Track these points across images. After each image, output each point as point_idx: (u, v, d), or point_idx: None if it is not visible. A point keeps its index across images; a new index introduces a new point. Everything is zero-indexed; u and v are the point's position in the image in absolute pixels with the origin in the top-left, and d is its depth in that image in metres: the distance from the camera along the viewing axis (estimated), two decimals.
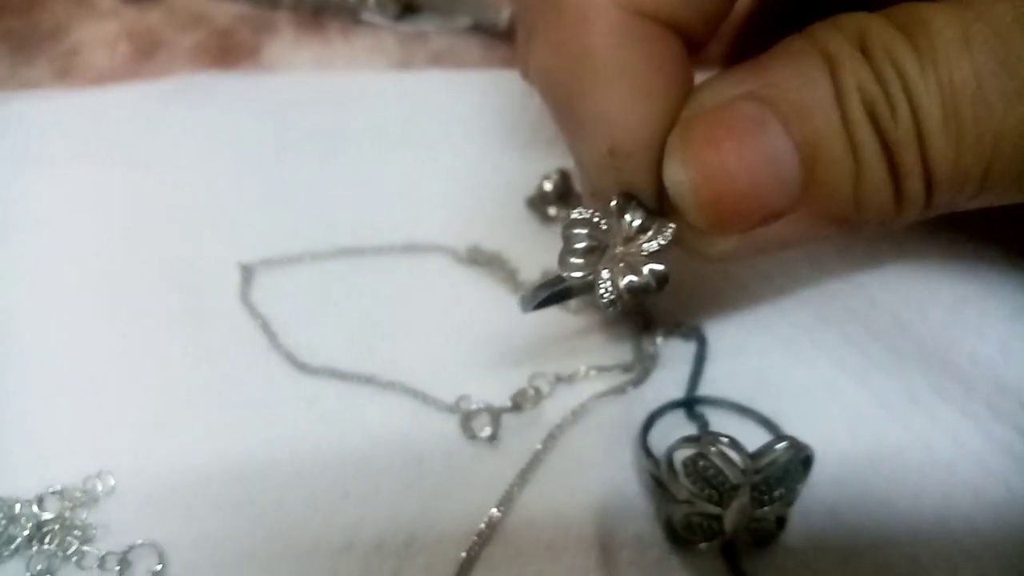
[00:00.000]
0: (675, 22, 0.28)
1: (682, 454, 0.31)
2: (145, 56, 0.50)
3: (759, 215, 0.26)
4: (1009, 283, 0.37)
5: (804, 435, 0.31)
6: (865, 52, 0.25)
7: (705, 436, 0.30)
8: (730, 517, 0.30)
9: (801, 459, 0.30)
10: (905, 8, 0.25)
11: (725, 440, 0.30)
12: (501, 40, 0.50)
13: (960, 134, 0.24)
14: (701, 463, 0.30)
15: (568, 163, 0.41)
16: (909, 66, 0.24)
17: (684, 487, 0.31)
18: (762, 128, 0.26)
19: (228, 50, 0.50)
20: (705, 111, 0.27)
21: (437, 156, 0.43)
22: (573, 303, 0.38)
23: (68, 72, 0.49)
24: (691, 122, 0.27)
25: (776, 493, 0.30)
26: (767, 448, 0.30)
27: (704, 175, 0.26)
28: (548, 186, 0.41)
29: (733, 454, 0.30)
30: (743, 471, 0.30)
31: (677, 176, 0.27)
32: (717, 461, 0.30)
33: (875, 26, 0.25)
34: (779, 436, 0.31)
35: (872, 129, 0.25)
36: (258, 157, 0.43)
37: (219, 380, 0.37)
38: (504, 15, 0.49)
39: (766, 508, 0.31)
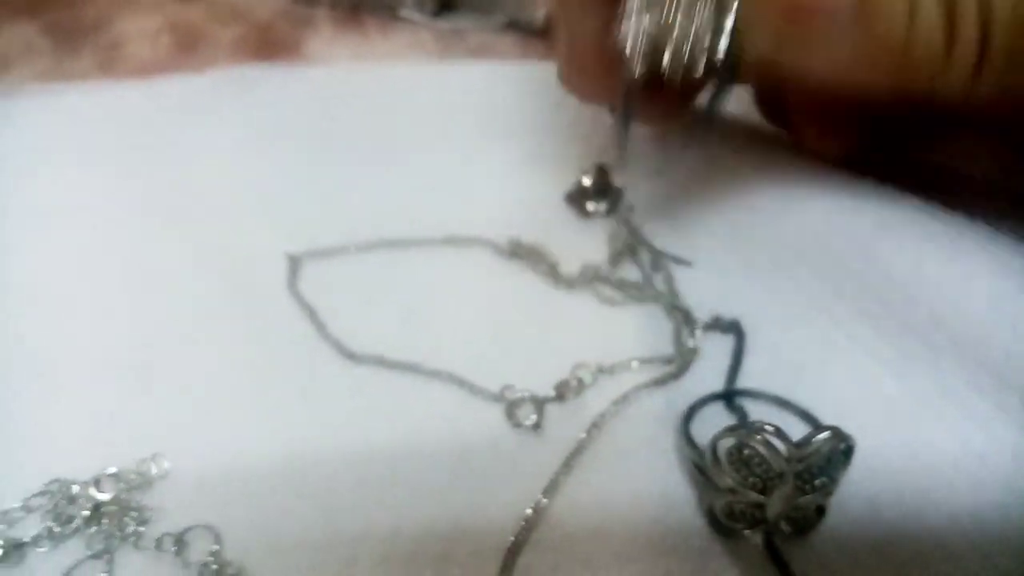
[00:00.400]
0: None
1: (726, 443, 0.31)
2: (187, 49, 0.50)
3: (810, 6, 0.26)
4: None
5: (841, 427, 0.32)
6: None
7: (750, 425, 0.31)
8: (773, 505, 0.31)
9: (843, 449, 0.31)
10: None
11: (770, 429, 0.30)
12: (537, 37, 0.50)
13: None
14: (746, 452, 0.31)
15: (604, 156, 0.42)
16: None
17: (728, 475, 0.31)
18: None
19: (268, 44, 0.51)
20: None
21: (477, 150, 0.44)
22: (610, 293, 0.39)
23: (112, 64, 0.50)
24: None
25: (818, 482, 0.31)
26: (810, 437, 0.30)
27: None
28: (586, 181, 0.42)
29: (778, 443, 0.30)
30: (787, 460, 0.30)
31: None
32: (762, 450, 0.30)
33: None
34: (822, 426, 0.31)
35: None
36: (302, 150, 0.44)
37: (269, 367, 0.37)
38: (540, 13, 0.50)
39: (807, 497, 0.31)
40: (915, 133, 0.31)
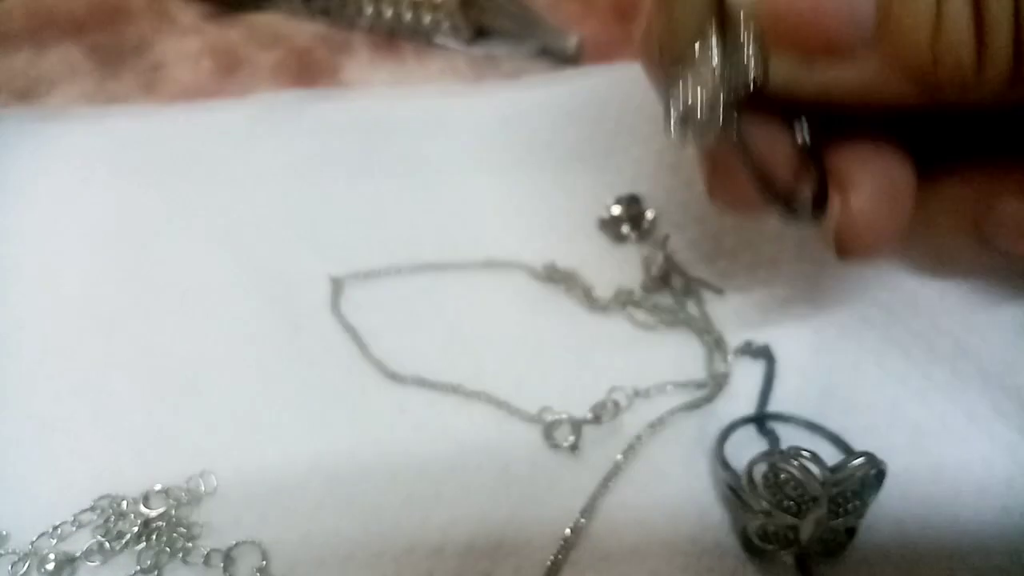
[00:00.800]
0: None
1: (762, 467, 0.32)
2: (227, 72, 0.51)
3: (819, 40, 0.26)
4: None
5: (869, 450, 0.33)
6: None
7: (787, 450, 0.31)
8: (806, 528, 0.32)
9: (875, 474, 0.32)
10: None
11: (807, 454, 0.31)
12: (568, 64, 0.51)
13: None
14: (782, 476, 0.31)
15: (638, 187, 0.43)
16: None
17: (763, 498, 0.32)
18: None
19: (307, 68, 0.51)
20: None
21: (512, 176, 0.45)
22: (644, 317, 0.40)
23: (153, 86, 0.51)
24: None
25: (850, 506, 0.32)
26: (846, 463, 0.31)
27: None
28: (617, 210, 0.43)
29: (814, 467, 0.31)
30: (822, 484, 0.31)
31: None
32: (798, 474, 0.31)
33: None
34: (856, 452, 0.32)
35: None
36: (343, 176, 0.45)
37: (314, 386, 0.38)
38: (571, 40, 0.51)
39: (840, 520, 0.32)
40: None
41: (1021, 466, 0.36)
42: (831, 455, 0.33)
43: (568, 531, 0.34)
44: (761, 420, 0.37)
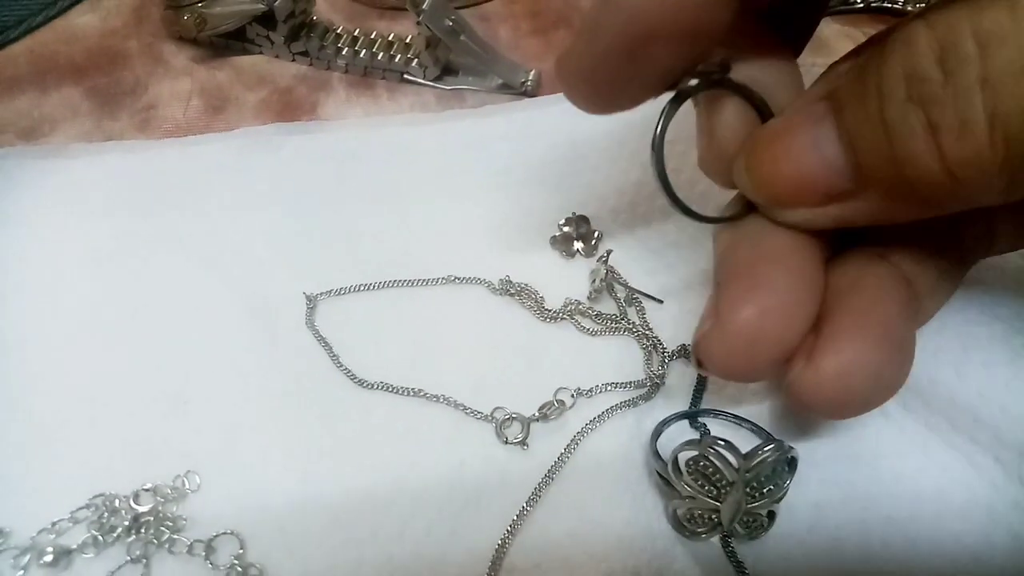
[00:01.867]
0: None
1: (685, 455, 0.34)
2: (216, 111, 0.54)
3: (815, 196, 0.28)
4: None
5: (791, 439, 0.35)
6: (942, 19, 0.24)
7: (704, 439, 0.34)
8: (726, 510, 0.34)
9: (787, 459, 0.34)
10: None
11: (721, 443, 0.34)
12: (527, 97, 0.54)
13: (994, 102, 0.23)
14: (702, 463, 0.34)
15: (587, 209, 0.45)
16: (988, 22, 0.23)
17: (687, 484, 0.34)
18: (818, 123, 0.27)
19: (289, 106, 0.54)
20: (786, 115, 0.30)
21: (473, 199, 0.47)
22: (589, 324, 0.43)
23: (147, 124, 0.54)
24: (767, 123, 0.30)
25: (766, 489, 0.34)
26: (758, 449, 0.34)
27: (756, 162, 0.29)
28: (567, 229, 0.45)
29: (728, 455, 0.34)
30: (737, 469, 0.34)
31: (738, 164, 0.30)
32: (715, 461, 0.34)
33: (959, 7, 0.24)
34: (768, 439, 0.35)
35: (914, 107, 0.24)
36: (318, 201, 0.47)
37: (289, 393, 0.40)
38: (530, 76, 0.53)
39: (758, 503, 0.34)
40: None
41: (932, 442, 0.38)
42: (753, 445, 0.36)
43: (515, 517, 0.36)
44: (692, 415, 0.39)
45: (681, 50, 0.29)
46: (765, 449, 0.33)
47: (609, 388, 0.40)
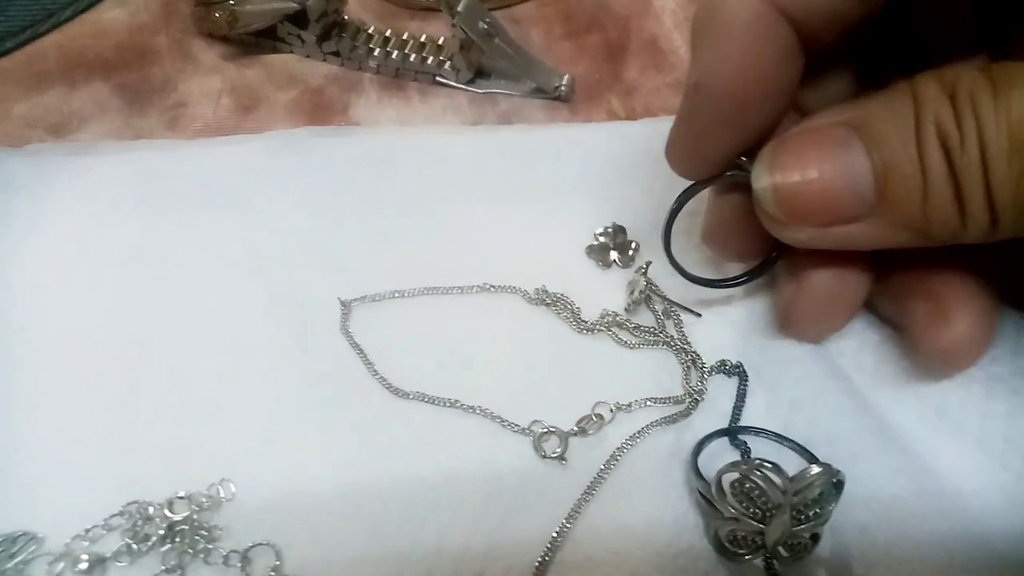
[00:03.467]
0: (797, 15, 0.32)
1: (730, 477, 0.33)
2: (246, 110, 0.53)
3: (831, 216, 0.31)
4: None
5: (834, 458, 0.34)
6: (952, 95, 0.28)
7: (751, 461, 0.33)
8: (771, 533, 0.33)
9: (834, 482, 0.33)
10: (1002, 64, 0.28)
11: (769, 465, 0.33)
12: (560, 103, 0.53)
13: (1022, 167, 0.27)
14: (747, 485, 0.33)
15: (621, 218, 0.44)
16: (983, 105, 0.27)
17: (731, 506, 0.34)
18: (845, 147, 0.30)
19: (320, 106, 0.53)
20: (801, 129, 0.32)
21: (508, 207, 0.46)
22: (627, 337, 0.42)
23: (177, 122, 0.53)
24: (787, 136, 0.32)
25: (812, 512, 0.33)
26: (805, 472, 0.33)
27: (783, 177, 0.31)
28: (604, 238, 0.45)
29: (775, 477, 0.33)
30: (784, 492, 0.33)
31: (761, 176, 0.32)
32: (762, 483, 0.33)
33: (967, 75, 0.28)
34: (816, 462, 0.34)
35: (942, 157, 0.28)
36: (352, 206, 0.46)
37: (324, 401, 0.39)
38: (564, 80, 0.52)
39: (803, 526, 0.33)
40: None
41: (986, 469, 0.37)
42: (798, 465, 0.35)
43: (555, 534, 0.35)
44: (733, 433, 0.38)
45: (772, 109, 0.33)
46: (813, 472, 0.32)
47: (648, 403, 0.39)
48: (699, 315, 0.42)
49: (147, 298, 0.43)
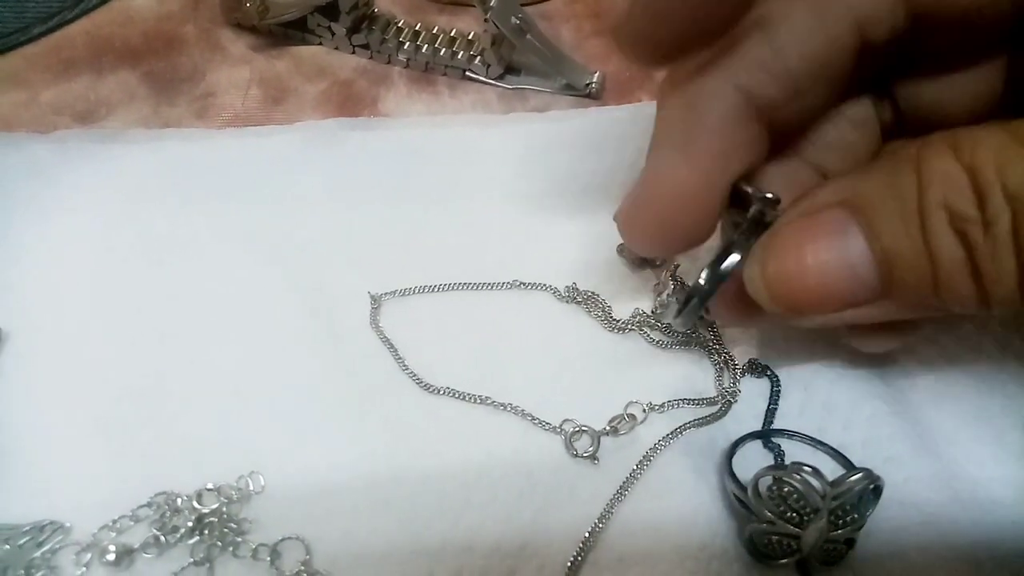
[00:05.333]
0: (772, 109, 0.31)
1: (767, 480, 0.33)
2: (275, 101, 0.52)
3: (833, 306, 0.29)
4: None
5: (869, 462, 0.34)
6: (972, 167, 0.25)
7: (791, 465, 0.33)
8: (808, 538, 0.33)
9: (872, 488, 0.33)
10: None
11: (808, 469, 0.32)
12: (592, 100, 0.52)
13: None
14: (786, 488, 0.32)
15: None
16: (1016, 176, 0.24)
17: (767, 509, 0.33)
18: (842, 234, 0.28)
19: (349, 99, 0.52)
20: (796, 217, 0.29)
21: (539, 204, 0.46)
22: (658, 336, 0.41)
23: (206, 112, 0.52)
24: (780, 227, 0.30)
25: (849, 517, 0.33)
26: (845, 477, 0.32)
27: (776, 273, 0.29)
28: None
29: (815, 481, 0.32)
30: (823, 497, 0.32)
31: (753, 273, 0.30)
32: (800, 487, 0.32)
33: (991, 137, 0.25)
34: (856, 467, 0.33)
35: (956, 242, 0.25)
36: (382, 199, 0.46)
37: (354, 395, 0.39)
38: (595, 78, 0.52)
39: (839, 531, 0.33)
40: None
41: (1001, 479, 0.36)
42: (832, 469, 0.34)
43: (587, 534, 0.35)
44: (767, 435, 0.38)
45: None
46: (854, 477, 0.32)
47: (681, 404, 0.39)
48: None
49: (175, 288, 0.42)
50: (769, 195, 0.32)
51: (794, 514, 0.32)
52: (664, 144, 0.33)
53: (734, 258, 0.32)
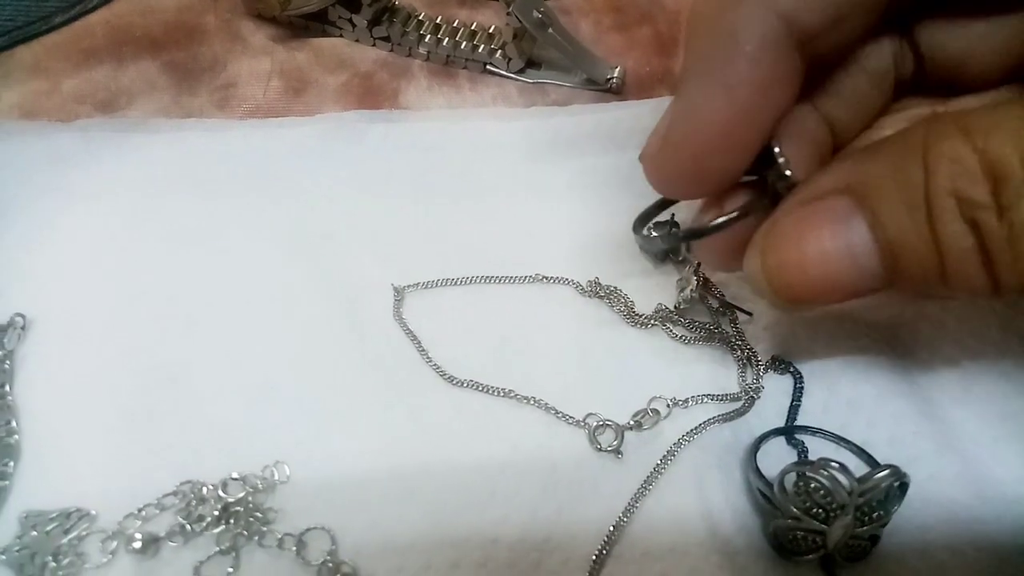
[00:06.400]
0: (811, 40, 0.29)
1: (793, 476, 0.33)
2: (296, 93, 0.52)
3: (836, 297, 0.28)
4: None
5: (893, 460, 0.33)
6: (984, 150, 0.24)
7: (818, 461, 0.33)
8: (834, 534, 0.33)
9: (898, 485, 0.33)
10: None
11: (836, 465, 0.32)
12: (612, 94, 0.52)
13: None
14: (812, 484, 0.32)
15: (676, 213, 0.43)
16: None
17: (793, 505, 0.33)
18: (845, 223, 0.27)
19: (370, 91, 0.52)
20: (797, 205, 0.29)
21: (561, 197, 0.45)
22: (681, 332, 0.41)
23: (227, 103, 0.52)
24: (781, 215, 0.29)
25: (875, 514, 0.33)
26: (872, 474, 0.32)
27: (778, 265, 0.28)
28: (657, 232, 0.44)
29: (842, 477, 0.32)
30: (849, 493, 0.32)
31: (753, 264, 0.29)
32: (827, 483, 0.32)
33: (1009, 119, 0.24)
34: (882, 464, 0.33)
35: (966, 230, 0.24)
36: (404, 191, 0.45)
37: (378, 386, 0.39)
38: (616, 72, 0.51)
39: (865, 528, 0.33)
40: None
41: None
42: (856, 466, 0.34)
43: (611, 528, 0.35)
44: (792, 432, 0.38)
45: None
46: (881, 474, 0.32)
47: (705, 400, 0.39)
48: (750, 314, 0.41)
49: (199, 278, 0.42)
50: (788, 173, 0.31)
51: (820, 510, 0.32)
52: (698, 76, 0.30)
53: (737, 214, 0.32)
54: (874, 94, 0.34)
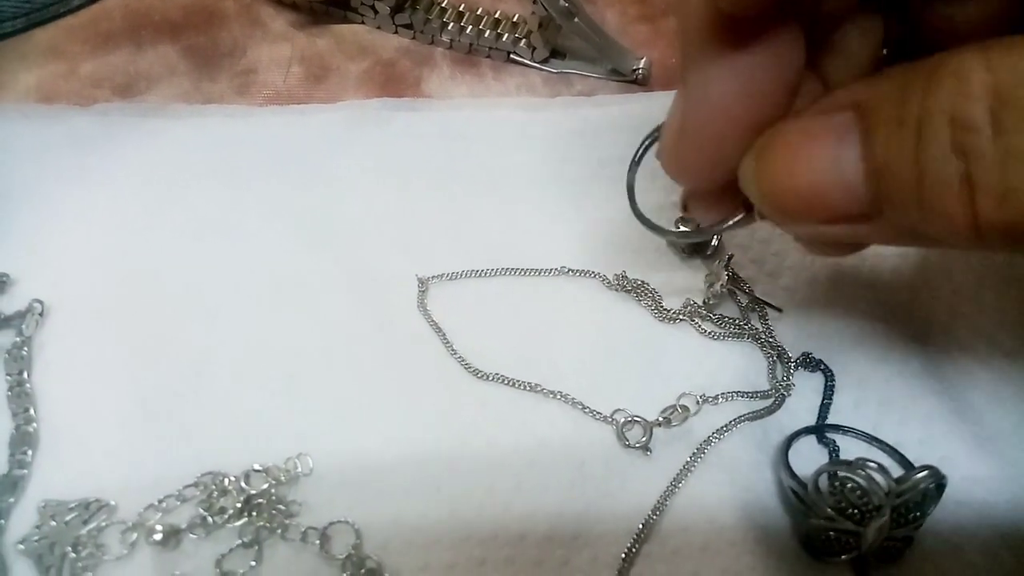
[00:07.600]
0: None
1: (827, 476, 0.32)
2: (317, 80, 0.51)
3: (820, 216, 0.26)
4: None
5: (925, 461, 0.33)
6: (997, 81, 0.21)
7: (855, 461, 0.32)
8: (869, 535, 0.32)
9: (935, 486, 0.32)
10: None
11: (873, 465, 0.32)
12: (638, 85, 0.51)
13: None
14: (848, 484, 0.32)
15: None
16: None
17: (827, 505, 0.32)
18: (840, 137, 0.25)
19: (392, 79, 0.51)
20: (804, 117, 0.27)
21: (588, 190, 0.45)
22: (710, 327, 0.40)
23: (247, 89, 0.51)
24: (784, 124, 0.27)
25: (911, 516, 0.32)
26: (910, 474, 0.31)
27: (769, 169, 0.27)
28: (684, 226, 0.43)
29: (879, 478, 0.31)
30: (887, 494, 0.31)
31: (748, 165, 0.28)
32: (864, 483, 0.31)
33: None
34: (920, 465, 0.33)
35: (951, 153, 0.22)
36: (428, 181, 0.45)
37: (402, 378, 0.38)
38: (641, 63, 0.51)
39: (900, 529, 0.32)
40: None
41: None
42: (888, 467, 0.34)
43: (640, 526, 0.34)
44: (822, 430, 0.37)
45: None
46: (919, 475, 0.31)
47: (735, 397, 0.38)
48: (780, 310, 0.40)
49: (220, 266, 0.42)
50: None
51: (855, 511, 0.32)
52: (702, 56, 0.28)
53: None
54: (863, 52, 0.32)
